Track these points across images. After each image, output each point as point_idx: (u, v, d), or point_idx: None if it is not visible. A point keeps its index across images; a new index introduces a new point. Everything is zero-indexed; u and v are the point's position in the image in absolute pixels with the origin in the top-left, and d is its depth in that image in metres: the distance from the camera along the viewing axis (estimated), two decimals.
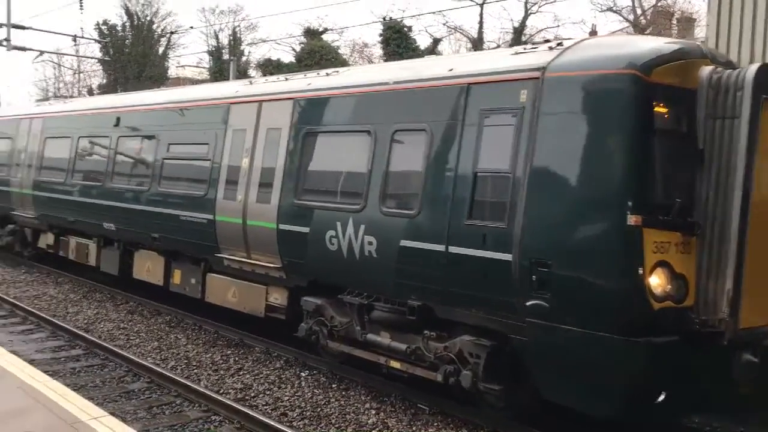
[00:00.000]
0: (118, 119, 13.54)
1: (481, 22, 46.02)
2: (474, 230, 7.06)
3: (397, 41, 43.14)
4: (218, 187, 10.66)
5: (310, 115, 9.47)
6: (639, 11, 39.54)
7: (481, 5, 44.64)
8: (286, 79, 10.54)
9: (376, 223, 8.12)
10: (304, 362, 9.83)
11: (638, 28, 36.84)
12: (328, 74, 9.98)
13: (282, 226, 9.41)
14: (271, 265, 9.72)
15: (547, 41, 7.82)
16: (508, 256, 6.73)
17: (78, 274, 15.86)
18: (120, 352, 10.18)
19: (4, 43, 20.56)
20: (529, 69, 6.95)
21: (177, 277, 12.01)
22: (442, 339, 7.65)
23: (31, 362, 7.30)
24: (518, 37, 43.18)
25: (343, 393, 8.71)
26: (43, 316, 12.37)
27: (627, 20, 39.93)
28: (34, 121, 16.87)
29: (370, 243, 8.10)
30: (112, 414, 5.75)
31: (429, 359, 7.76)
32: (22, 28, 21.08)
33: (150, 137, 12.56)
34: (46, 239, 16.28)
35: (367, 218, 8.20)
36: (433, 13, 43.92)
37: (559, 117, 6.64)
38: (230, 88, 11.71)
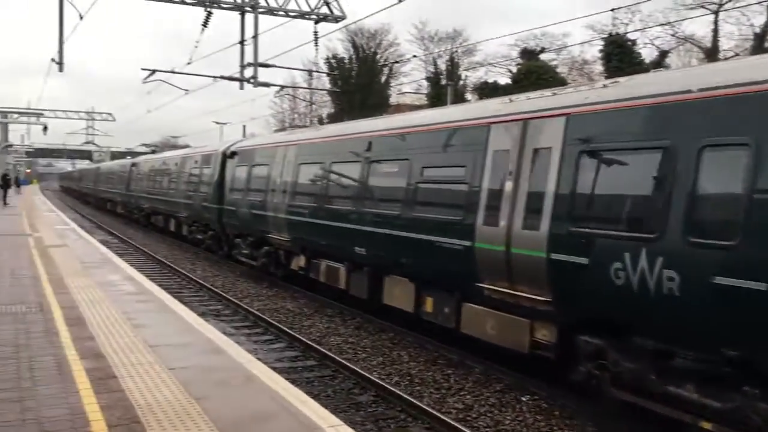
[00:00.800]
0: (370, 144, 13.42)
1: (715, 30, 42.65)
2: None
3: (620, 56, 41.20)
4: (477, 212, 9.90)
5: (588, 131, 8.35)
6: None
7: (716, 12, 41.41)
8: (554, 94, 9.54)
9: (677, 254, 6.87)
10: (524, 386, 9.62)
11: None
12: (605, 86, 8.89)
13: (553, 256, 8.45)
14: (539, 298, 8.79)
15: None
16: None
17: (311, 291, 16.83)
18: (349, 365, 10.57)
19: (251, 80, 22.89)
20: None
21: (429, 304, 11.38)
22: None
23: (273, 370, 7.99)
24: (759, 43, 39.23)
25: (567, 422, 8.35)
26: (282, 327, 13.24)
27: None
28: (289, 148, 17.46)
29: (671, 279, 6.88)
30: (346, 423, 6.10)
31: (756, 423, 6.37)
32: (266, 66, 23.27)
33: (402, 161, 12.15)
34: (298, 261, 16.64)
35: (666, 249, 6.98)
36: (662, 24, 41.30)
37: None
38: (488, 107, 10.84)
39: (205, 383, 6.47)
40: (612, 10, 23.07)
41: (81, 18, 18.88)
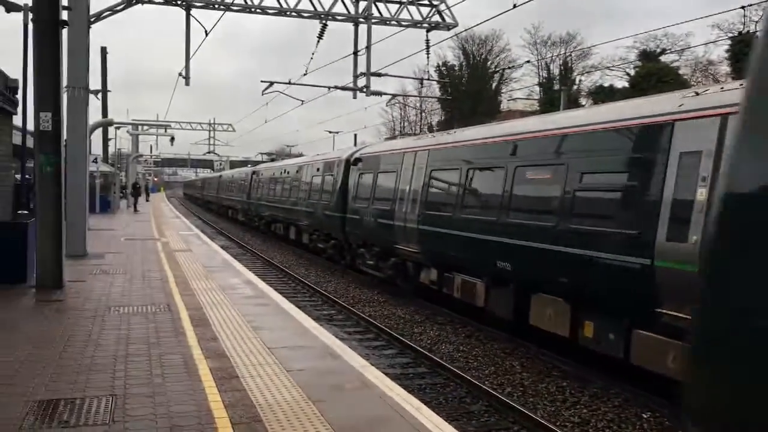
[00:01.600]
0: (515, 147, 12.26)
1: None
2: None
3: (749, 55, 38.93)
4: (658, 224, 8.62)
5: None
6: None
7: None
8: None
9: None
10: (645, 403, 9.22)
11: None
12: None
13: None
14: None
15: None
16: None
17: (421, 297, 16.80)
18: (461, 374, 10.44)
19: (364, 89, 23.30)
20: None
21: (588, 329, 10.11)
22: None
23: (386, 375, 8.08)
24: None
25: None
26: (394, 334, 13.28)
27: None
28: (419, 153, 16.49)
29: None
30: None
31: None
32: (378, 75, 23.61)
33: (556, 165, 10.93)
34: (429, 275, 15.67)
35: None
36: None
37: None
38: (669, 102, 9.32)
39: (322, 386, 6.62)
40: (742, 7, 21.63)
41: (206, 34, 19.89)
